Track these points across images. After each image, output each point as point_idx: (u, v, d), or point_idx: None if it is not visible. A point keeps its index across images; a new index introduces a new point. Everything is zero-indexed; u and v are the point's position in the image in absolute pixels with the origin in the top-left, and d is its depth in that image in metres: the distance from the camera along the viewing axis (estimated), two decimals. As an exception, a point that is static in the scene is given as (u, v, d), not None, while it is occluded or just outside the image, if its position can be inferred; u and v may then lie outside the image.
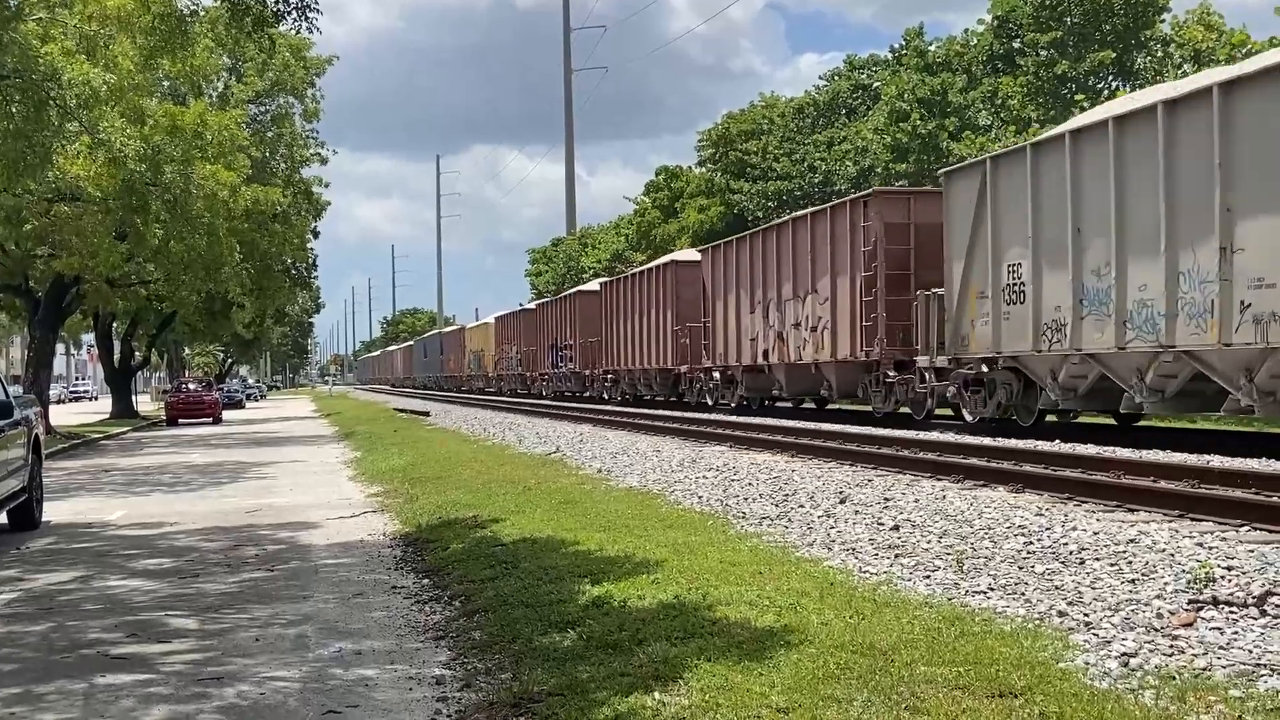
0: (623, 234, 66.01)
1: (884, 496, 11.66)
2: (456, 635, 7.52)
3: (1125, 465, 12.49)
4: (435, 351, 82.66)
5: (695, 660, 5.99)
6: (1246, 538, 8.60)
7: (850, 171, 42.05)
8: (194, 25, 19.18)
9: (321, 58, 45.68)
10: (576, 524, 11.02)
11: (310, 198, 46.33)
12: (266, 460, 24.46)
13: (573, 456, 19.33)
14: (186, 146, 27.95)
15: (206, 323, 52.84)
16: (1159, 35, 35.30)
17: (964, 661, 5.75)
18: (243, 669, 6.96)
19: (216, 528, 13.53)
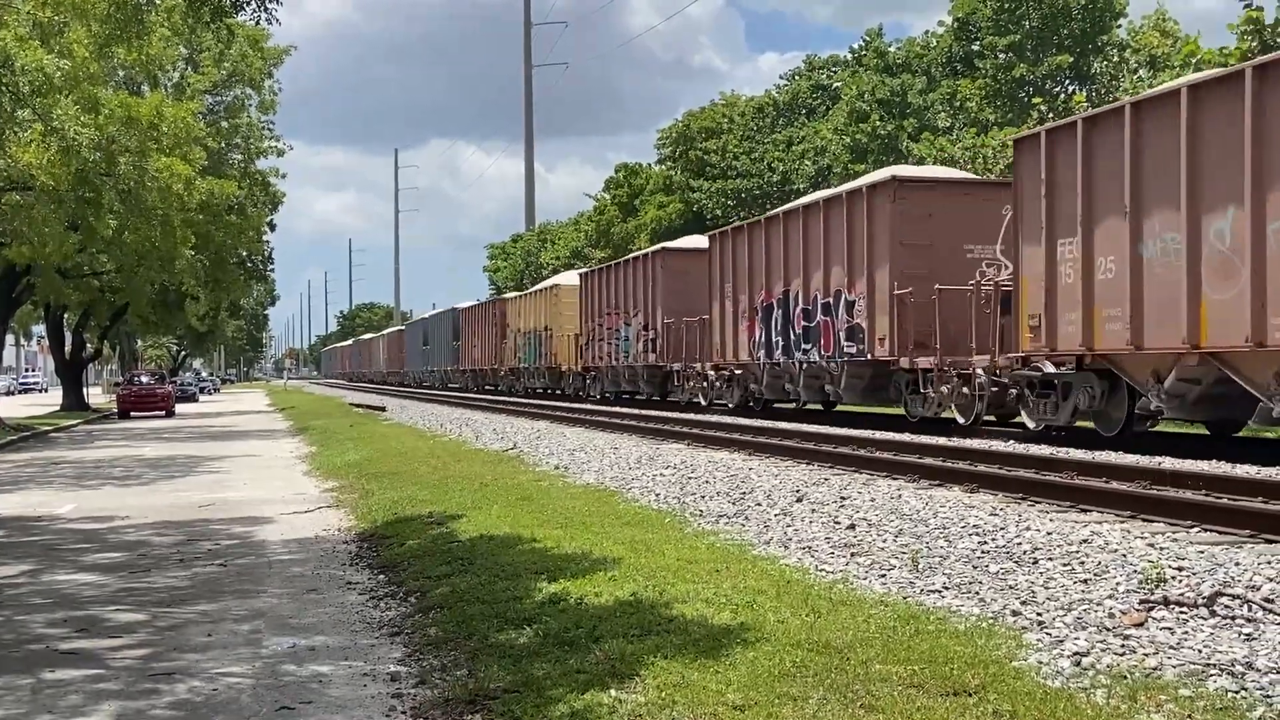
0: (582, 230, 65.95)
1: (840, 495, 11.71)
2: (411, 632, 7.48)
3: (1078, 466, 12.60)
4: (445, 336, 61.83)
5: (652, 658, 5.99)
6: (1197, 539, 8.71)
7: (809, 171, 42.20)
8: (150, 14, 18.98)
9: (279, 48, 45.34)
10: (533, 521, 11.00)
11: (266, 190, 45.99)
12: (220, 454, 24.24)
13: (530, 453, 19.28)
14: (142, 137, 27.68)
15: (160, 315, 52.37)
16: (1115, 41, 35.66)
17: (919, 660, 5.78)
18: (194, 665, 6.88)
19: (168, 522, 13.39)
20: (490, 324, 51.49)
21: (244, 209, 41.34)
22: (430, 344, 66.78)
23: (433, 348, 65.74)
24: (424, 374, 69.56)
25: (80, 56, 23.87)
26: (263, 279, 61.69)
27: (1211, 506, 9.49)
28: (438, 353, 64.20)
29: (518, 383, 48.05)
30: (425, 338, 68.89)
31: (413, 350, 74.64)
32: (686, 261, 31.58)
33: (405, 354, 78.26)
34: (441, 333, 63.16)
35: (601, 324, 36.82)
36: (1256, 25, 21.77)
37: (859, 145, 38.72)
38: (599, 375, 37.79)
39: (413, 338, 75.75)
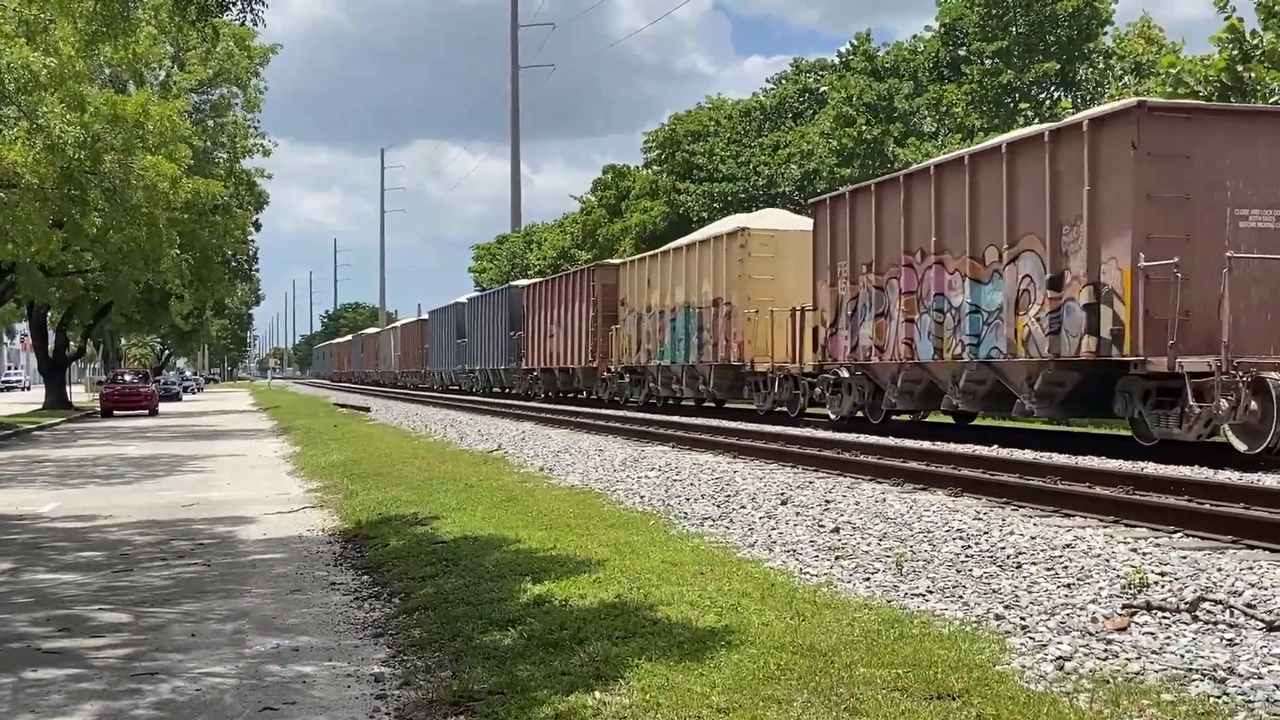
0: (568, 232, 65.91)
1: (825, 499, 11.72)
2: (396, 633, 7.47)
3: (1061, 471, 12.65)
4: (496, 325, 47.84)
5: (636, 660, 5.99)
6: (1179, 544, 8.75)
7: (795, 174, 42.26)
8: (137, 11, 18.91)
9: (265, 47, 45.23)
10: (518, 522, 10.99)
11: (252, 189, 45.88)
12: (204, 454, 24.17)
13: (515, 454, 19.27)
14: (127, 136, 27.56)
15: (144, 314, 52.20)
16: (1101, 48, 35.79)
17: (903, 663, 5.79)
18: (177, 665, 6.86)
19: (151, 521, 13.34)
20: (581, 302, 37.30)
21: (229, 208, 41.23)
22: (469, 335, 52.90)
23: (474, 341, 52.13)
24: (458, 375, 55.76)
25: (66, 54, 23.77)
26: (247, 278, 61.54)
27: (1194, 512, 9.53)
28: (482, 347, 50.51)
29: (638, 389, 33.37)
30: (461, 328, 54.42)
31: (440, 345, 60.07)
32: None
33: (429, 350, 63.19)
34: (489, 321, 49.27)
35: (883, 286, 21.07)
36: (1237, 35, 21.88)
37: (845, 149, 38.76)
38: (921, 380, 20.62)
39: (441, 329, 60.02)
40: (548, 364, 41.22)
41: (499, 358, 47.83)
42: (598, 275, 37.04)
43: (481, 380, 51.85)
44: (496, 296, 50.01)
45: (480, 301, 53.27)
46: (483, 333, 50.69)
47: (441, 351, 60.10)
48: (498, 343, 47.98)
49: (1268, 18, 21.81)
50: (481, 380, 51.85)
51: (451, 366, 57.24)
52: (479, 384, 52.51)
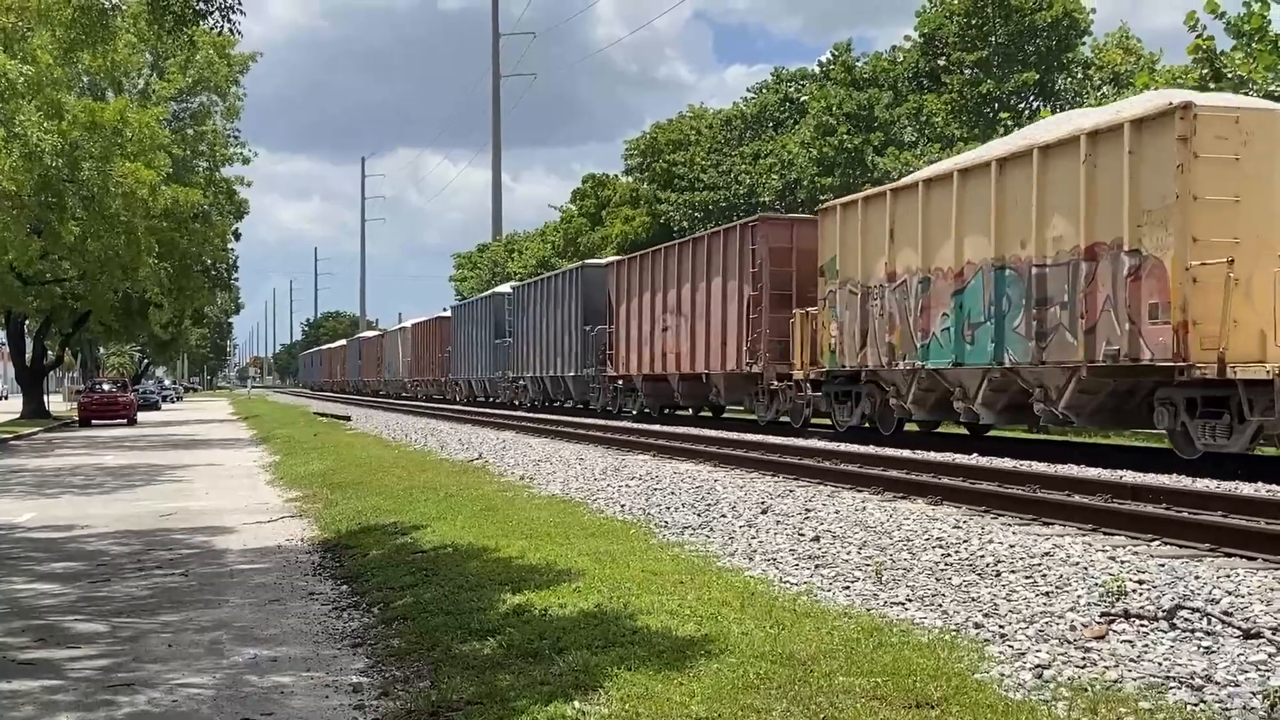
0: (549, 241, 65.90)
1: (805, 507, 11.73)
2: (374, 642, 7.44)
3: (1041, 479, 12.69)
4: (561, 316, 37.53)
5: (616, 669, 5.98)
6: (1157, 552, 8.78)
7: (776, 184, 42.34)
8: (116, 19, 18.85)
9: (245, 55, 45.14)
10: (498, 531, 10.97)
11: (231, 198, 45.76)
12: (182, 463, 24.05)
13: (495, 463, 19.23)
14: (106, 143, 27.51)
15: (123, 323, 51.92)
16: (1080, 58, 35.98)
17: (882, 672, 5.80)
18: (154, 675, 6.82)
19: (129, 531, 13.27)
20: (725, 274, 26.14)
21: (208, 216, 41.11)
22: (517, 334, 42.04)
23: (523, 341, 41.14)
24: (495, 385, 45.69)
25: (44, 62, 23.70)
26: (227, 287, 61.25)
27: (1171, 520, 9.57)
28: (537, 349, 39.53)
29: (851, 408, 21.81)
30: (502, 325, 44.48)
31: (470, 347, 49.40)
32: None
33: (451, 354, 52.93)
34: (548, 313, 38.53)
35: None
36: (1207, 53, 22.04)
37: (826, 159, 38.87)
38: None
39: (471, 327, 49.44)
40: (654, 369, 29.89)
41: (565, 362, 36.73)
42: (761, 232, 24.89)
43: (535, 391, 40.59)
44: (563, 280, 37.83)
45: (534, 289, 41.01)
46: (538, 330, 39.55)
47: (471, 355, 49.47)
48: (563, 342, 37.00)
49: (1237, 36, 21.94)
50: (535, 391, 40.59)
51: (486, 374, 46.75)
52: (531, 396, 41.07)
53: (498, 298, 47.16)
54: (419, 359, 61.10)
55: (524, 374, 41.41)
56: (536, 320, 39.98)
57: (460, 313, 53.52)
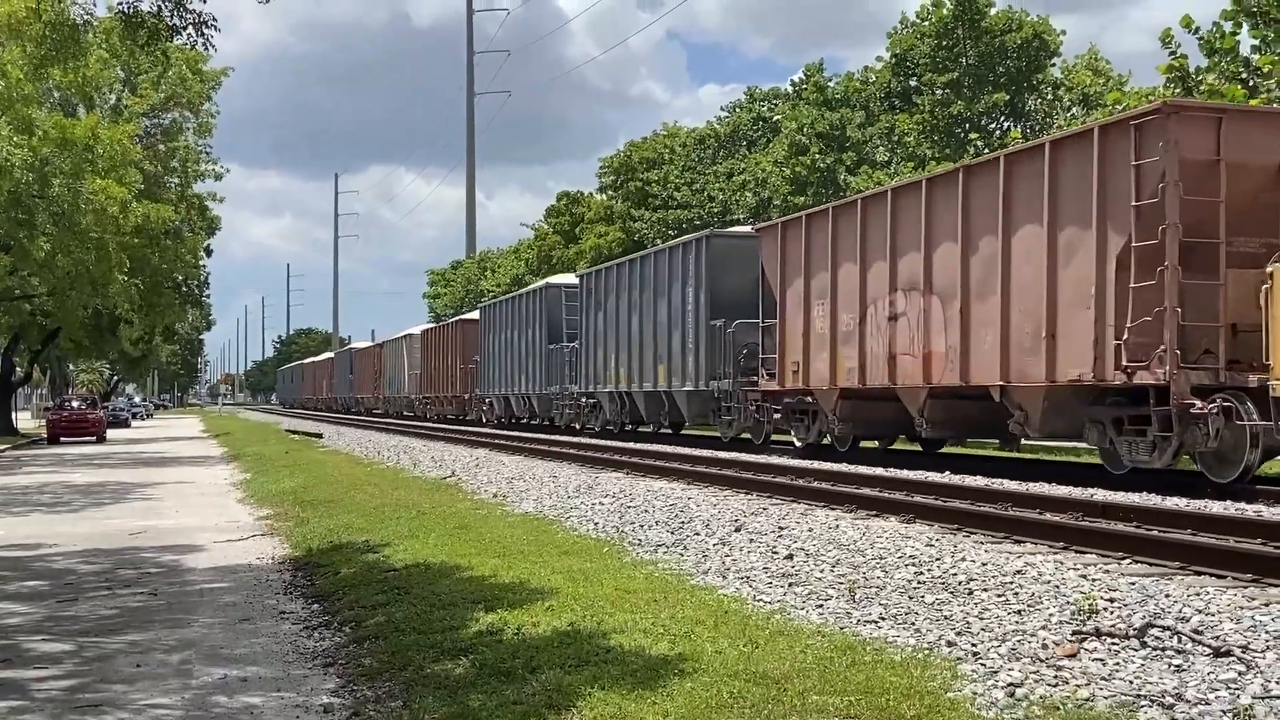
0: (523, 258, 65.92)
1: (779, 525, 11.74)
2: (346, 662, 7.39)
3: (1012, 497, 12.73)
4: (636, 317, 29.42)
5: (589, 688, 5.96)
6: (1128, 570, 8.82)
7: (749, 202, 42.50)
8: (87, 35, 18.76)
9: (217, 71, 45.05)
10: (471, 550, 10.92)
11: (203, 214, 45.60)
12: (152, 481, 23.87)
13: (468, 481, 19.17)
14: (77, 159, 27.36)
15: (93, 339, 51.58)
16: (1050, 79, 36.30)
17: (855, 691, 5.80)
18: (121, 696, 6.75)
19: (97, 550, 13.15)
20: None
21: (180, 233, 40.94)
22: (586, 337, 32.90)
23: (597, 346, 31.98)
24: (550, 402, 36.48)
25: (14, 77, 23.57)
26: (198, 304, 60.94)
27: (1142, 538, 9.62)
28: (621, 356, 30.17)
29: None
30: (556, 326, 35.90)
31: (505, 355, 40.34)
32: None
33: (479, 365, 43.63)
34: (640, 304, 29.08)
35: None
36: (1181, 73, 22.28)
37: (799, 177, 39.06)
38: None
39: (508, 330, 40.26)
40: (864, 379, 19.55)
41: (674, 371, 27.05)
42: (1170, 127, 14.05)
43: (614, 411, 31.19)
44: (670, 257, 27.68)
45: (618, 275, 30.82)
46: (621, 330, 30.09)
47: (509, 366, 39.87)
48: (669, 345, 27.23)
49: (1210, 53, 22.19)
50: (614, 411, 31.19)
51: (532, 388, 37.59)
52: (607, 417, 31.79)
53: (553, 291, 37.17)
54: (432, 372, 51.22)
55: (598, 387, 31.99)
56: (622, 316, 30.09)
57: (494, 313, 42.66)
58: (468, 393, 45.59)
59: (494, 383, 42.07)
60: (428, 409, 52.27)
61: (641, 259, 29.99)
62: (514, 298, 41.48)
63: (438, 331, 52.67)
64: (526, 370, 38.50)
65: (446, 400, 49.32)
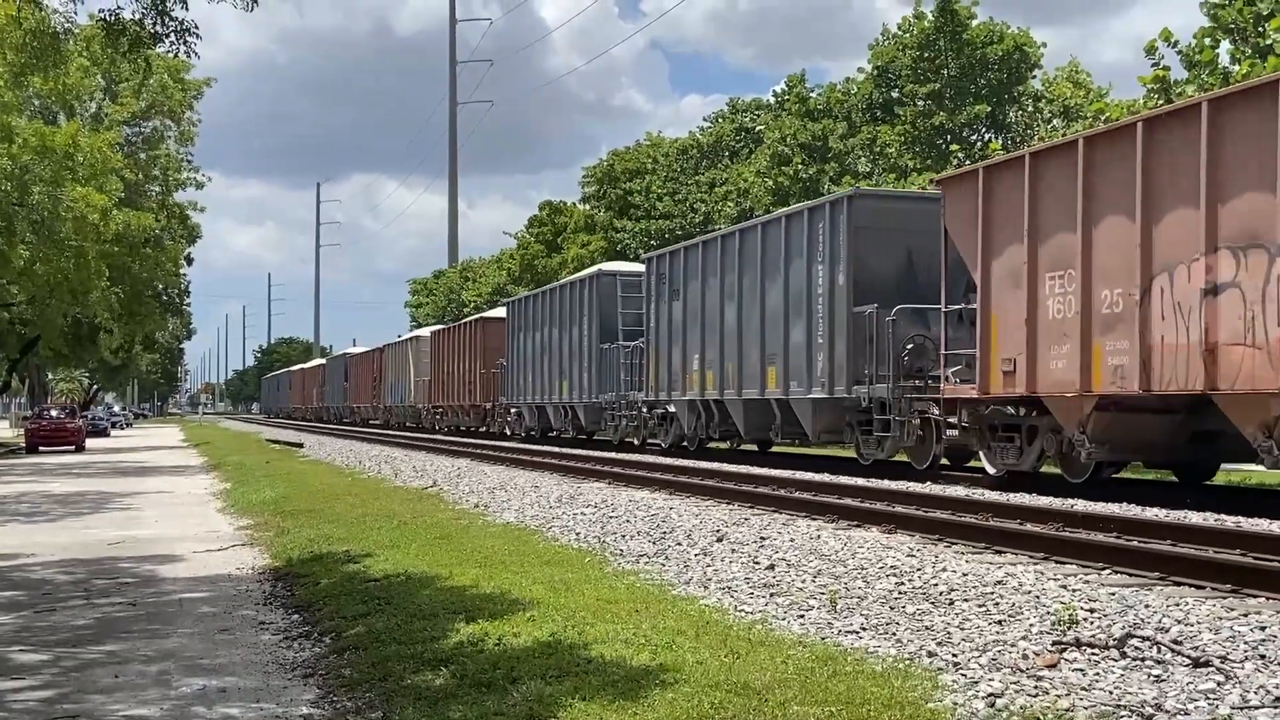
0: (505, 268, 65.88)
1: (760, 535, 11.74)
2: (326, 673, 7.36)
3: (993, 508, 12.77)
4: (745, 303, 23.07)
5: (570, 699, 5.94)
6: (1108, 580, 8.85)
7: (731, 212, 42.58)
8: (68, 43, 18.69)
9: (199, 80, 44.95)
10: (452, 560, 10.89)
11: (184, 223, 45.46)
12: (131, 490, 23.74)
13: (450, 491, 19.13)
14: (56, 167, 27.26)
15: (72, 348, 51.38)
16: (1031, 91, 36.49)
17: (836, 701, 5.80)
18: (99, 707, 6.71)
19: (76, 560, 13.07)
20: None
21: (161, 241, 40.80)
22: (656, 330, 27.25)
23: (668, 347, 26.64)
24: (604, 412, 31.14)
25: (-6, 84, 23.46)
26: (178, 313, 60.78)
27: (1122, 549, 9.65)
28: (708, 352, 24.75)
29: None
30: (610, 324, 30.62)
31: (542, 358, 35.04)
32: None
33: (506, 371, 38.40)
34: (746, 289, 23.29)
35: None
36: (1163, 84, 22.44)
37: (781, 188, 39.15)
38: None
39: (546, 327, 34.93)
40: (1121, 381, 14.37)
41: (798, 374, 21.33)
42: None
43: (692, 423, 25.69)
44: (789, 227, 21.80)
45: (703, 254, 25.03)
46: (709, 325, 24.47)
47: (547, 370, 34.62)
48: (791, 341, 21.55)
49: (1190, 66, 22.36)
50: (692, 423, 25.69)
51: (582, 396, 31.96)
52: (683, 429, 26.27)
53: (606, 280, 31.30)
54: (444, 379, 45.59)
55: (673, 395, 26.14)
56: (709, 306, 24.45)
57: (526, 309, 37.07)
58: (489, 401, 40.58)
59: (523, 390, 36.62)
60: (438, 420, 47.34)
61: (742, 233, 23.42)
62: (554, 289, 35.06)
63: (452, 332, 46.16)
64: (570, 375, 32.69)
65: (463, 410, 43.92)
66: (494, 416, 40.41)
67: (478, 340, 42.18)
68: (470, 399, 42.55)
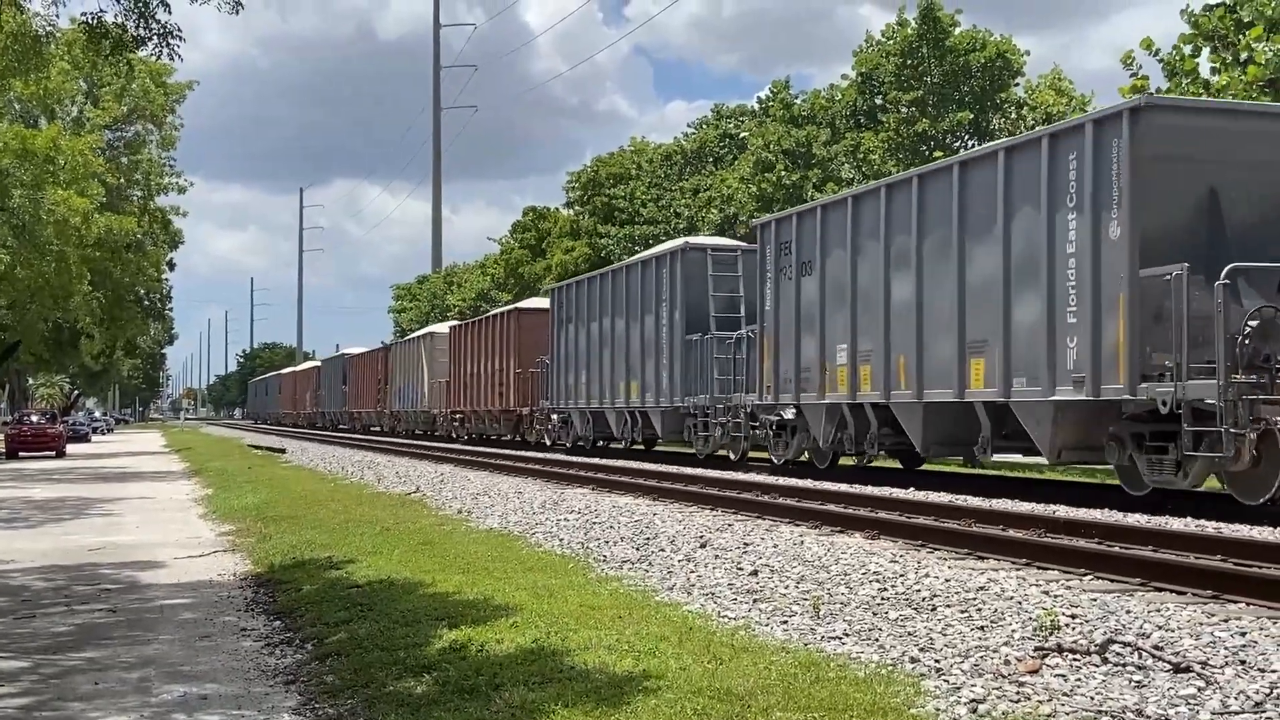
0: (489, 274, 65.81)
1: (744, 541, 11.75)
2: (308, 679, 7.33)
3: (975, 513, 12.79)
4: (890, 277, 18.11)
5: (553, 706, 5.93)
6: (1089, 586, 8.87)
7: (715, 219, 42.63)
8: (49, 46, 18.61)
9: (182, 84, 44.83)
10: (435, 566, 10.87)
11: (166, 228, 45.32)
12: (112, 496, 23.62)
13: (433, 497, 19.09)
14: (37, 171, 27.14)
15: (53, 353, 51.15)
16: (1013, 98, 36.62)
17: (819, 707, 5.80)
18: (79, 715, 6.67)
19: (56, 566, 13.00)
20: None
21: (142, 246, 40.67)
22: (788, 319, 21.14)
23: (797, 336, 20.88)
24: (690, 419, 25.51)
25: (-25, 88, 23.35)
26: (160, 318, 60.53)
27: (1103, 555, 9.68)
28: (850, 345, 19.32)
29: None
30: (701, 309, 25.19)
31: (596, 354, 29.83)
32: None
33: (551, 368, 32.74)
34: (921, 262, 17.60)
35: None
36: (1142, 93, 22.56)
37: (765, 194, 39.21)
38: None
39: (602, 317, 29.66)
40: None
41: (1035, 366, 15.37)
42: None
43: (829, 433, 20.26)
44: (1018, 160, 15.97)
45: (853, 210, 19.53)
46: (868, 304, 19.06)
47: (607, 368, 28.94)
48: (1015, 319, 15.85)
49: (1170, 75, 22.47)
50: (829, 433, 20.26)
51: (659, 399, 26.33)
52: (818, 443, 20.72)
53: (694, 256, 25.31)
54: (466, 380, 40.00)
55: (803, 398, 20.89)
56: (865, 281, 19.12)
57: (578, 296, 31.20)
58: (525, 406, 34.96)
59: (572, 392, 30.74)
60: (457, 427, 42.12)
61: (922, 179, 18.01)
62: (618, 270, 29.21)
63: (477, 327, 40.42)
64: (642, 374, 26.92)
65: (490, 416, 38.36)
66: (531, 423, 34.98)
67: (511, 335, 36.33)
68: (500, 403, 36.88)
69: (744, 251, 24.87)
